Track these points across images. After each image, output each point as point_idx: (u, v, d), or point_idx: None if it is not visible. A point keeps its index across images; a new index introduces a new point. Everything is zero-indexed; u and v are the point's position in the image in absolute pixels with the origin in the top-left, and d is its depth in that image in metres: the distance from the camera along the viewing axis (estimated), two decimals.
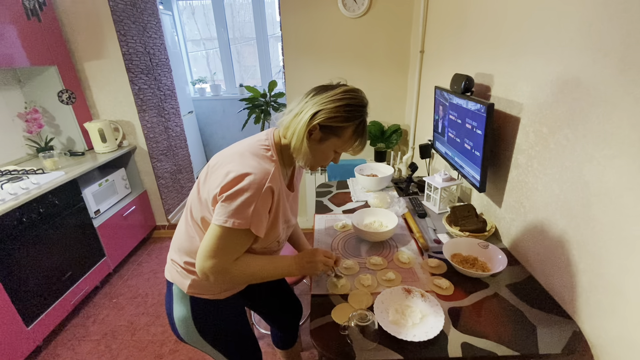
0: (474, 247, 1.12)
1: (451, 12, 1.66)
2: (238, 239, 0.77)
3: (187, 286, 0.88)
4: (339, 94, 0.78)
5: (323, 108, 0.77)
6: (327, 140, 0.81)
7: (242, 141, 0.88)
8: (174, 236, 0.94)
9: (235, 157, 0.79)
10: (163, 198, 2.84)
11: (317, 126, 0.78)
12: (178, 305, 0.91)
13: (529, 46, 1.03)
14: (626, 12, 0.69)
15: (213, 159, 0.85)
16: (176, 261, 0.90)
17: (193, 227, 0.85)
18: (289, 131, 0.81)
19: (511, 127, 1.14)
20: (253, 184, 0.73)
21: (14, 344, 1.55)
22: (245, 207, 0.72)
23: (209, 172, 0.82)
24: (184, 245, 0.88)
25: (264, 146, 0.82)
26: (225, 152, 0.85)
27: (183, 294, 0.90)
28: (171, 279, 0.91)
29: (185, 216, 0.89)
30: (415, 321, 0.86)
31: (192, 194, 0.86)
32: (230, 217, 0.72)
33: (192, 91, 4.23)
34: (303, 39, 2.37)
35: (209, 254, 0.75)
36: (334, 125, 0.79)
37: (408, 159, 1.92)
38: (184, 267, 0.88)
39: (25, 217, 1.63)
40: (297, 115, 0.80)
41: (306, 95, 0.82)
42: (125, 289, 2.22)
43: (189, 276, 0.88)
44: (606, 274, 0.78)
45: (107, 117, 2.50)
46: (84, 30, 2.26)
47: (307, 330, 1.66)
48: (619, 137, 0.72)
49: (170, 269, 0.92)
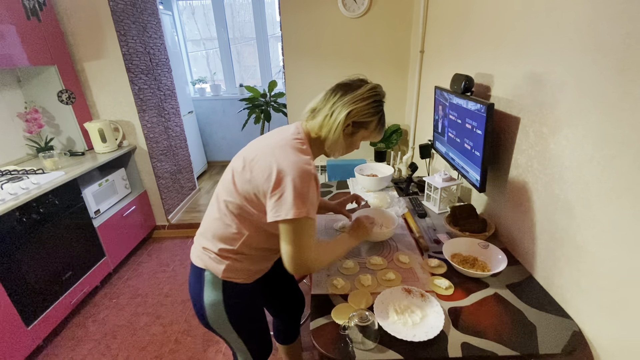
0: (474, 247, 1.12)
1: (451, 12, 1.66)
2: (305, 227, 0.81)
3: (222, 271, 0.92)
4: (366, 92, 0.88)
5: (355, 107, 0.87)
6: (357, 133, 0.93)
7: (274, 134, 0.93)
8: (203, 225, 0.97)
9: (276, 150, 0.83)
10: (163, 198, 2.84)
11: (351, 123, 0.89)
12: (209, 290, 0.94)
13: (529, 46, 1.03)
14: (626, 12, 0.69)
15: (248, 151, 0.89)
16: (209, 248, 0.93)
17: (229, 215, 0.89)
18: (323, 130, 0.90)
19: (511, 127, 1.14)
20: (300, 176, 0.78)
21: (14, 344, 1.55)
22: (299, 197, 0.78)
23: (246, 163, 0.86)
24: (219, 232, 0.91)
25: (299, 140, 0.89)
26: (260, 145, 0.89)
27: (216, 280, 0.93)
28: (204, 266, 0.94)
29: (217, 206, 0.93)
30: (415, 321, 0.86)
31: (226, 184, 0.90)
32: (290, 209, 0.77)
33: (192, 91, 4.23)
34: (303, 39, 2.37)
35: (297, 251, 0.81)
36: (363, 121, 0.90)
37: (408, 159, 1.92)
38: (219, 253, 0.92)
39: (25, 217, 1.63)
40: (329, 115, 0.89)
41: (332, 94, 0.91)
42: (125, 289, 2.22)
43: (223, 261, 0.92)
44: (606, 274, 0.78)
45: (107, 117, 2.50)
46: (84, 30, 2.26)
47: (307, 330, 1.66)
48: (619, 137, 0.72)
49: (202, 257, 0.94)
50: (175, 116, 3.18)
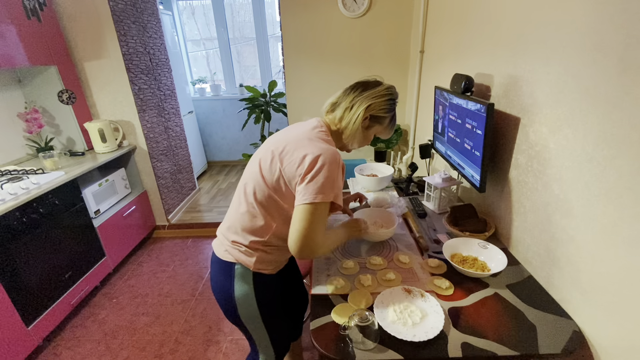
0: (474, 247, 1.12)
1: (451, 12, 1.66)
2: (324, 212, 0.85)
3: (254, 262, 0.95)
4: (383, 90, 0.97)
5: (374, 102, 0.95)
6: (373, 127, 1.00)
7: (298, 128, 0.97)
8: (229, 220, 1.00)
9: (305, 142, 0.89)
10: (163, 198, 2.84)
11: (369, 116, 0.96)
12: (240, 283, 0.97)
13: (528, 46, 1.03)
14: (626, 12, 0.69)
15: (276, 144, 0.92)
16: (239, 242, 0.96)
17: (257, 207, 0.92)
18: (343, 121, 0.97)
19: (511, 127, 1.14)
20: (330, 163, 0.84)
21: (14, 344, 1.55)
22: (330, 182, 0.83)
23: (274, 155, 0.89)
24: (248, 225, 0.94)
25: (323, 131, 0.95)
26: (287, 137, 0.93)
27: (246, 272, 0.96)
28: (235, 259, 0.96)
29: (244, 199, 0.95)
30: (415, 321, 0.86)
31: (253, 177, 0.93)
32: (319, 193, 0.81)
33: (192, 91, 4.23)
34: (303, 39, 2.37)
35: (307, 233, 0.82)
36: (380, 115, 0.98)
37: (408, 159, 1.92)
38: (250, 245, 0.95)
39: (26, 217, 1.63)
40: (349, 108, 0.96)
41: (352, 90, 0.98)
42: (125, 289, 2.22)
43: (254, 253, 0.95)
44: (606, 273, 0.78)
45: (107, 117, 2.50)
46: (84, 30, 2.26)
47: (307, 330, 1.66)
48: (619, 137, 0.72)
49: (232, 251, 0.97)
50: (175, 116, 3.18)
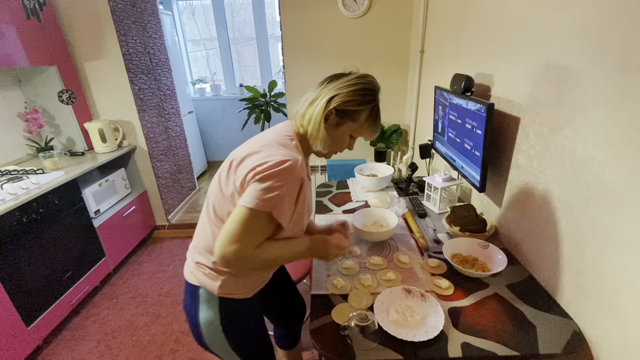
0: (474, 247, 1.12)
1: (451, 12, 1.66)
2: (261, 223, 0.75)
3: (218, 287, 0.85)
4: (353, 79, 0.82)
5: (339, 92, 0.80)
6: (343, 124, 0.84)
7: (263, 134, 0.87)
8: (195, 238, 0.91)
9: (263, 147, 0.79)
10: (163, 198, 2.84)
11: (333, 111, 0.81)
12: (205, 308, 0.87)
13: (528, 46, 1.03)
14: (626, 12, 0.69)
15: (237, 152, 0.83)
16: (203, 263, 0.87)
17: (217, 225, 0.83)
18: (305, 119, 0.83)
19: (511, 127, 1.14)
20: (285, 170, 0.73)
21: (14, 344, 1.55)
22: (273, 191, 0.72)
23: (232, 165, 0.80)
24: (211, 246, 0.84)
25: (288, 136, 0.83)
26: (249, 145, 0.83)
27: (211, 297, 0.87)
28: (198, 283, 0.87)
29: (207, 216, 0.87)
30: (415, 321, 0.86)
31: (213, 192, 0.85)
32: (256, 199, 0.72)
33: (192, 91, 4.22)
34: (303, 39, 2.37)
35: (233, 238, 0.73)
36: (349, 109, 0.81)
37: (408, 159, 1.92)
38: (213, 267, 0.85)
39: (26, 217, 1.63)
40: (313, 102, 0.82)
41: (320, 84, 0.85)
42: (125, 289, 2.22)
43: (219, 277, 0.86)
44: (606, 274, 0.78)
45: (107, 117, 2.50)
46: (84, 30, 2.26)
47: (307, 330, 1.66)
48: (619, 137, 0.72)
49: (196, 272, 0.88)
50: (175, 116, 3.18)
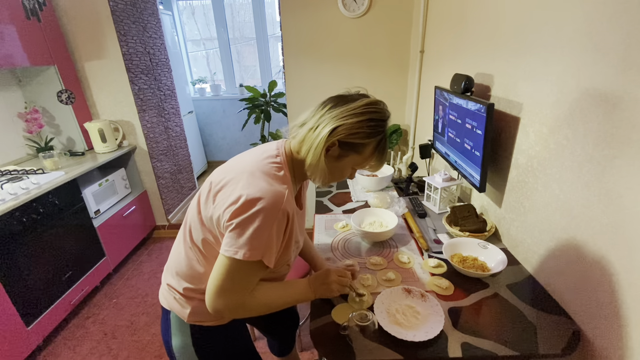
0: (474, 247, 1.12)
1: (451, 12, 1.66)
2: (251, 271, 0.69)
3: (188, 314, 0.80)
4: (360, 107, 0.71)
5: (343, 123, 0.70)
6: (346, 157, 0.75)
7: (250, 154, 0.79)
8: (170, 258, 0.86)
9: (244, 176, 0.70)
10: (163, 198, 2.84)
11: (336, 142, 0.72)
12: (177, 334, 0.83)
13: (529, 46, 1.03)
14: (626, 12, 0.69)
15: (217, 175, 0.76)
16: (174, 287, 0.82)
17: (192, 249, 0.78)
18: (304, 146, 0.74)
19: (511, 127, 1.14)
20: (268, 210, 0.65)
21: (14, 344, 1.55)
22: (257, 237, 0.66)
23: (212, 189, 0.73)
24: (183, 270, 0.80)
25: (275, 164, 0.74)
26: (231, 167, 0.76)
27: (182, 323, 0.82)
28: (168, 307, 0.83)
29: (183, 236, 0.81)
30: (415, 321, 0.86)
31: (192, 213, 0.78)
32: (241, 248, 0.65)
33: (192, 91, 4.23)
34: (303, 39, 2.37)
35: (221, 290, 0.68)
36: (354, 142, 0.72)
37: (408, 159, 1.92)
38: (184, 293, 0.80)
39: (25, 217, 1.63)
40: (313, 129, 0.73)
41: (322, 106, 0.75)
42: (125, 289, 2.22)
43: (188, 304, 0.80)
44: (606, 273, 0.78)
45: (107, 117, 2.50)
46: (84, 30, 2.26)
47: (307, 331, 1.66)
48: (619, 137, 0.72)
49: (167, 296, 0.83)
50: (175, 116, 3.18)
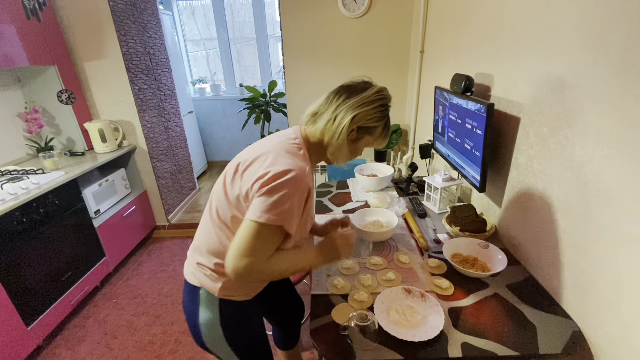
0: (474, 247, 1.12)
1: (451, 12, 1.66)
2: (272, 236, 0.76)
3: (219, 289, 0.86)
4: (372, 95, 0.83)
5: (360, 111, 0.82)
6: (362, 139, 0.87)
7: (270, 138, 0.88)
8: (196, 238, 0.92)
9: (270, 155, 0.78)
10: (163, 198, 2.84)
11: (355, 128, 0.83)
12: (205, 309, 0.88)
13: (529, 46, 1.03)
14: (626, 12, 0.69)
15: (244, 155, 0.83)
16: (204, 264, 0.87)
17: (221, 227, 0.84)
18: (326, 135, 0.85)
19: (511, 127, 1.14)
20: (292, 181, 0.73)
21: (14, 344, 1.55)
22: (282, 204, 0.72)
23: (239, 169, 0.80)
24: (213, 247, 0.85)
25: (295, 144, 0.84)
26: (255, 149, 0.84)
27: (212, 298, 0.88)
28: (199, 283, 0.88)
29: (210, 217, 0.87)
30: (415, 321, 0.86)
31: (217, 194, 0.84)
32: (265, 213, 0.72)
33: (192, 91, 4.23)
34: (303, 39, 2.37)
35: (244, 252, 0.73)
36: (369, 126, 0.85)
37: (408, 159, 1.92)
38: (215, 269, 0.86)
39: (25, 217, 1.63)
40: (332, 120, 0.83)
41: (337, 97, 0.85)
42: (125, 289, 2.22)
43: (220, 279, 0.86)
44: (606, 273, 0.78)
45: (107, 117, 2.50)
46: (84, 30, 2.26)
47: (307, 330, 1.66)
48: (619, 137, 0.72)
49: (197, 273, 0.89)
50: (175, 116, 3.18)
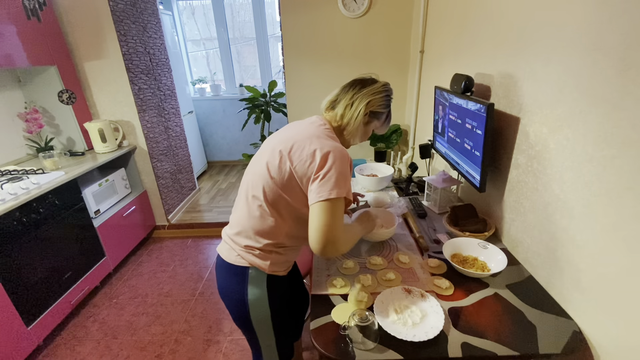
0: (474, 247, 1.12)
1: (451, 12, 1.66)
2: (341, 208, 0.85)
3: (269, 265, 0.96)
4: (381, 87, 1.01)
5: (373, 98, 0.98)
6: (371, 123, 1.03)
7: (301, 125, 0.99)
8: (238, 225, 0.98)
9: (313, 139, 0.89)
10: (163, 198, 2.84)
11: (369, 112, 0.99)
12: (254, 287, 0.97)
13: (529, 46, 1.03)
14: (626, 12, 0.69)
15: (280, 143, 0.92)
16: (253, 246, 0.95)
17: (268, 209, 0.92)
18: (345, 118, 0.99)
19: (511, 127, 1.14)
20: (339, 159, 0.85)
21: (14, 344, 1.55)
22: (341, 179, 0.84)
23: (283, 155, 0.89)
24: (260, 228, 0.94)
25: (328, 129, 0.97)
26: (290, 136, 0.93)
27: (260, 276, 0.96)
28: (249, 263, 0.96)
29: (252, 202, 0.94)
30: (415, 321, 0.86)
31: (261, 178, 0.92)
32: (333, 189, 0.82)
33: (192, 91, 4.23)
34: (303, 39, 2.37)
35: (326, 229, 0.81)
36: (378, 111, 1.01)
37: (408, 159, 1.92)
38: (264, 248, 0.95)
39: (25, 217, 1.63)
40: (349, 105, 0.98)
41: (352, 88, 1.00)
42: (125, 289, 2.22)
43: (269, 256, 0.96)
44: (606, 274, 0.78)
45: (107, 117, 2.50)
46: (84, 30, 2.26)
47: (307, 330, 1.66)
48: (619, 137, 0.72)
49: (245, 255, 0.96)
50: (175, 116, 3.18)
